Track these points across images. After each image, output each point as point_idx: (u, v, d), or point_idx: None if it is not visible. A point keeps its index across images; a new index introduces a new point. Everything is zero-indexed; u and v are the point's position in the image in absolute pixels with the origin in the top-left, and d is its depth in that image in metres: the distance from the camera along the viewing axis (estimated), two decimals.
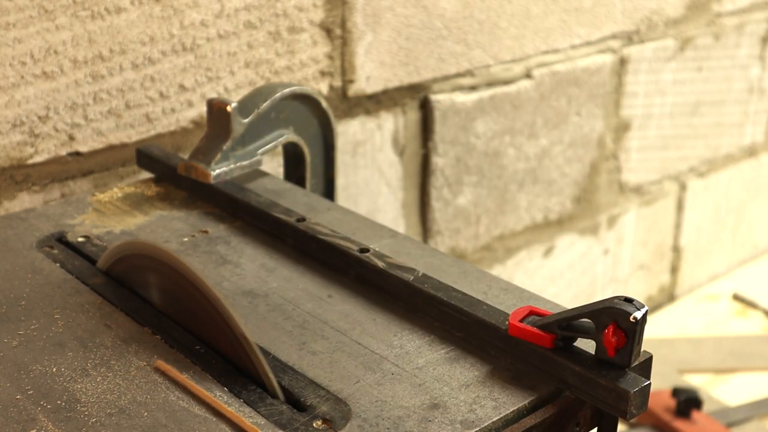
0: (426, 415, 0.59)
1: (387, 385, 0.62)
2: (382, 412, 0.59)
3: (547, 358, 0.62)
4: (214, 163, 0.85)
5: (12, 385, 0.59)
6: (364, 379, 0.63)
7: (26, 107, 0.90)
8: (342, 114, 1.16)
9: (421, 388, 0.62)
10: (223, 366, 0.63)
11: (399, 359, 0.65)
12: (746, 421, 1.42)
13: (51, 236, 0.80)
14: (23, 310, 0.68)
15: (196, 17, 0.99)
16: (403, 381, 0.63)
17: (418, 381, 0.63)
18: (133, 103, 0.97)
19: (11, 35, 0.87)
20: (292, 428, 0.57)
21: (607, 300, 0.60)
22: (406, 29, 1.19)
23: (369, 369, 0.64)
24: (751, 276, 1.87)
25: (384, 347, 0.66)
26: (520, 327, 0.63)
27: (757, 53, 1.76)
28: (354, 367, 0.64)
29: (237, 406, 0.59)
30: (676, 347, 1.60)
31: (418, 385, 0.62)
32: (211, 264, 0.76)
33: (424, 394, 0.61)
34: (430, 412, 0.59)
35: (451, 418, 0.59)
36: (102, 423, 0.56)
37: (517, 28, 1.32)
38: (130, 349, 0.64)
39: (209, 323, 0.64)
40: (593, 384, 0.59)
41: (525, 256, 1.47)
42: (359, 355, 0.65)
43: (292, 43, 1.08)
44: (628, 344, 0.59)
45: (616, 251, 1.64)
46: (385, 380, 0.63)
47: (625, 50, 1.50)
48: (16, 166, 0.91)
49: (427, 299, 0.69)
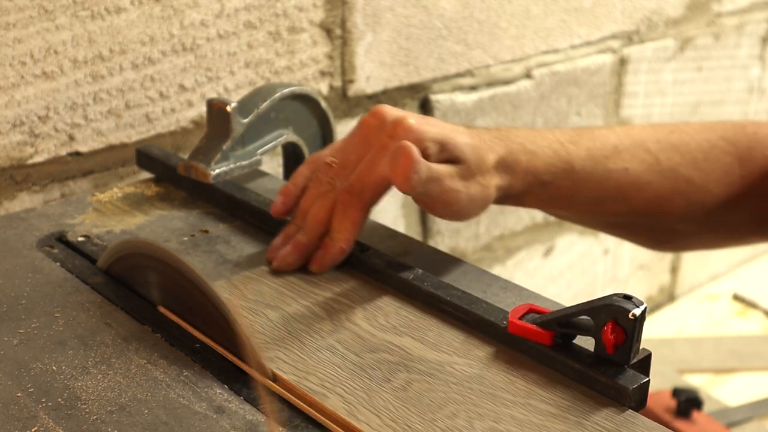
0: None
1: None
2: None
3: (547, 355, 0.62)
4: (214, 163, 0.86)
5: (13, 383, 0.59)
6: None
7: (26, 107, 0.90)
8: (342, 114, 1.16)
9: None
10: (222, 364, 0.63)
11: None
12: (746, 421, 1.42)
13: (51, 236, 0.80)
14: (24, 308, 0.68)
15: (196, 17, 0.99)
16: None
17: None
18: (133, 103, 0.98)
19: (11, 35, 0.87)
20: (292, 425, 0.57)
21: (606, 297, 0.60)
22: (406, 29, 1.19)
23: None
24: (751, 276, 1.87)
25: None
26: (519, 324, 0.63)
27: (757, 53, 1.76)
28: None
29: (237, 403, 0.59)
30: (676, 347, 1.60)
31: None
32: (210, 263, 0.76)
33: None
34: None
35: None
36: (103, 420, 0.56)
37: (517, 28, 1.32)
38: (130, 347, 0.64)
39: (209, 321, 0.64)
40: (592, 381, 0.60)
41: (525, 256, 1.47)
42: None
43: (292, 43, 1.08)
44: (627, 341, 0.59)
45: (616, 251, 1.64)
46: None
47: (625, 50, 1.50)
48: (16, 166, 0.92)
49: (427, 297, 0.70)
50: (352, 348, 0.64)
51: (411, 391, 0.60)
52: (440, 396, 0.60)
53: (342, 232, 0.72)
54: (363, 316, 0.68)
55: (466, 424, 0.57)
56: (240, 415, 0.58)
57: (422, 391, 0.60)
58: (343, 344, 0.65)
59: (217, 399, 0.59)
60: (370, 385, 0.61)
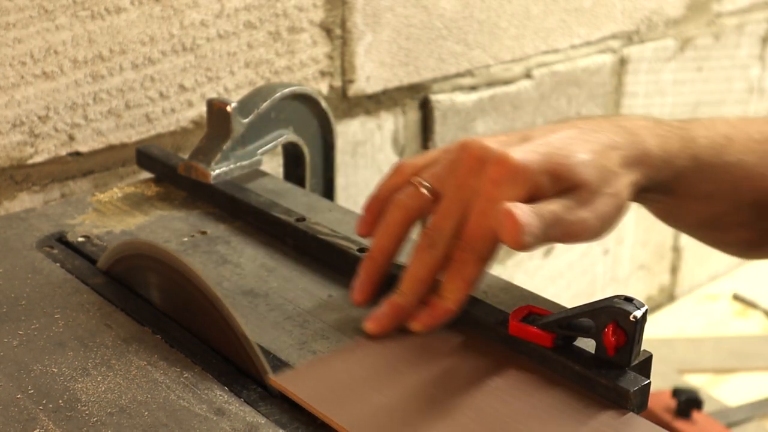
0: None
1: None
2: None
3: (547, 357, 0.62)
4: (214, 163, 0.86)
5: (13, 384, 0.59)
6: None
7: (26, 107, 0.90)
8: (342, 114, 1.16)
9: None
10: (223, 365, 0.63)
11: None
12: (746, 422, 1.42)
13: (51, 236, 0.80)
14: (23, 309, 0.68)
15: (196, 17, 0.99)
16: None
17: None
18: (133, 103, 0.97)
19: (11, 35, 0.87)
20: (292, 427, 0.57)
21: (607, 299, 0.60)
22: (406, 29, 1.19)
23: None
24: (751, 276, 1.87)
25: None
26: (520, 326, 0.63)
27: (757, 53, 1.76)
28: None
29: (237, 405, 0.59)
30: (676, 347, 1.60)
31: None
32: (211, 264, 0.76)
33: None
34: None
35: None
36: (103, 422, 0.56)
37: (517, 28, 1.32)
38: (130, 349, 0.64)
39: (209, 323, 0.64)
40: (593, 383, 0.60)
41: (525, 256, 1.47)
42: None
43: (292, 43, 1.08)
44: (628, 343, 0.59)
45: (616, 251, 1.64)
46: None
47: (625, 50, 1.50)
48: (16, 166, 0.91)
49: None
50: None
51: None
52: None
53: (454, 292, 0.65)
54: (457, 369, 0.67)
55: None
56: (240, 417, 0.58)
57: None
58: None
59: (218, 401, 0.59)
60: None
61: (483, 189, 0.64)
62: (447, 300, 0.65)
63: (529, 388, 0.61)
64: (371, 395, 0.59)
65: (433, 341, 0.65)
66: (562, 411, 0.58)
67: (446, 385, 0.60)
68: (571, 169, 0.66)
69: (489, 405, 0.58)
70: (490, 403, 0.59)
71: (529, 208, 0.62)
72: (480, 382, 0.61)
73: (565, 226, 0.64)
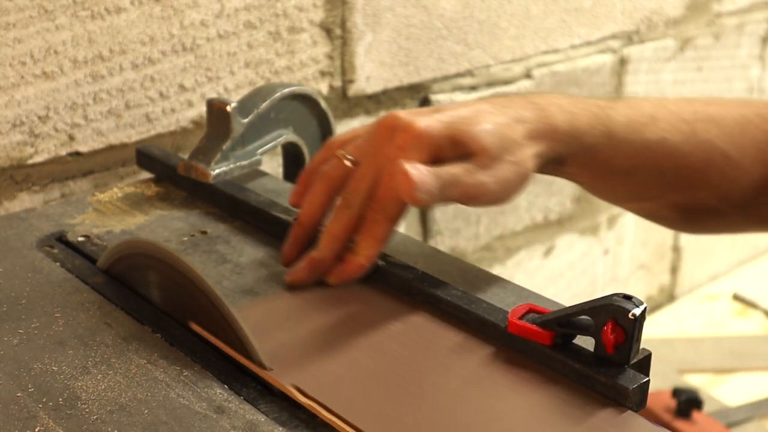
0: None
1: None
2: None
3: (547, 355, 0.62)
4: (214, 163, 0.86)
5: (13, 383, 0.59)
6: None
7: (26, 107, 0.90)
8: (342, 114, 1.16)
9: None
10: (222, 364, 0.63)
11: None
12: (746, 422, 1.42)
13: (51, 236, 0.80)
14: (24, 308, 0.68)
15: (196, 17, 0.99)
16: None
17: None
18: (133, 103, 0.98)
19: (11, 35, 0.87)
20: (292, 425, 0.57)
21: (606, 297, 0.60)
22: (406, 29, 1.19)
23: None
24: (751, 276, 1.87)
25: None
26: (519, 324, 0.63)
27: (757, 53, 1.76)
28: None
29: (237, 403, 0.59)
30: (676, 347, 1.60)
31: None
32: (210, 263, 0.76)
33: None
34: None
35: None
36: (103, 420, 0.56)
37: (517, 28, 1.32)
38: (130, 347, 0.64)
39: (209, 321, 0.64)
40: (592, 381, 0.60)
41: (525, 256, 1.47)
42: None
43: (292, 43, 1.08)
44: (627, 341, 0.59)
45: (616, 251, 1.64)
46: None
47: (625, 50, 1.50)
48: (16, 166, 0.92)
49: (427, 297, 0.70)
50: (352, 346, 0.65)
51: (410, 392, 0.60)
52: (440, 397, 0.60)
53: (366, 248, 0.71)
54: (363, 316, 0.68)
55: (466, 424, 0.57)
56: (240, 415, 0.58)
57: (422, 393, 0.60)
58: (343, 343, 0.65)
59: (217, 399, 0.59)
60: (370, 385, 0.61)
61: (392, 154, 0.70)
62: (360, 256, 0.71)
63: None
64: (280, 334, 0.66)
65: (344, 293, 0.71)
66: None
67: (348, 326, 0.67)
68: (472, 136, 0.71)
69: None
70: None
71: (426, 168, 0.68)
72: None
73: (464, 188, 0.70)
